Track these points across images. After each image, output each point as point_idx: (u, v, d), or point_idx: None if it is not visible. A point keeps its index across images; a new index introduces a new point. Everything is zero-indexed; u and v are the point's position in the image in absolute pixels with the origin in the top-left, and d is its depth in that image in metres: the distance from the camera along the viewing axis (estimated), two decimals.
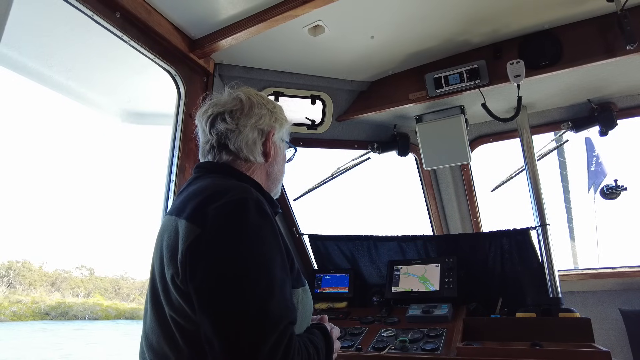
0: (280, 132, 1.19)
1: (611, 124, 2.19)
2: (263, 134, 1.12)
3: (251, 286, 0.79)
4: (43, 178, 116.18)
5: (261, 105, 1.14)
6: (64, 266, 43.62)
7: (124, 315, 35.77)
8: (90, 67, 1.98)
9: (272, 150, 1.14)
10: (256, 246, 0.84)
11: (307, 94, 2.28)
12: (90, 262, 55.57)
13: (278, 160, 1.18)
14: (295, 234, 2.63)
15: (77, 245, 72.28)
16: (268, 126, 1.13)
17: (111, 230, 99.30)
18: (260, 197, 0.93)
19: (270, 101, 1.19)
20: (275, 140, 1.16)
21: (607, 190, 2.34)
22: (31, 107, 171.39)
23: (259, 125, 1.11)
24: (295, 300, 0.93)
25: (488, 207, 2.81)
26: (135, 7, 1.56)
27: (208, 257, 0.82)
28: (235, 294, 0.78)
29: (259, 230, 0.86)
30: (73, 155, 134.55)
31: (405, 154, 2.56)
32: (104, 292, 41.23)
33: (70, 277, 41.24)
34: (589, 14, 1.82)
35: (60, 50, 1.82)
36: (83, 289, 39.92)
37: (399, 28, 1.86)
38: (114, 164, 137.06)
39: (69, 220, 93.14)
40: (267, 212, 0.90)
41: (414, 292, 2.19)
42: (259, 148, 1.11)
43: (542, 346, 1.58)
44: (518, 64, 1.87)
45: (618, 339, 2.39)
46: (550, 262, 2.00)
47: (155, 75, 1.90)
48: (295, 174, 2.75)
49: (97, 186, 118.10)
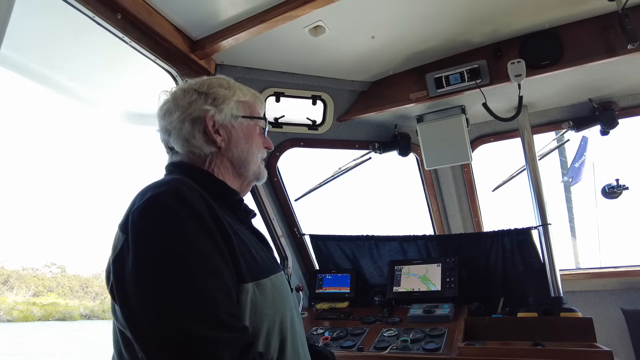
0: (227, 110, 1.05)
1: (612, 123, 2.19)
2: (199, 121, 1.01)
3: (155, 294, 0.74)
4: (43, 178, 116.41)
5: (188, 92, 1.05)
6: (33, 264, 42.97)
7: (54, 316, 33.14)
8: (92, 68, 1.98)
9: (222, 133, 1.03)
10: (165, 247, 0.78)
11: (308, 95, 2.28)
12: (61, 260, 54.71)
13: (236, 142, 1.05)
14: (296, 234, 2.63)
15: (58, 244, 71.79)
16: (200, 111, 1.01)
17: (109, 230, 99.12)
18: (183, 188, 0.85)
19: (207, 82, 1.08)
20: (223, 121, 1.04)
21: (609, 190, 2.33)
22: (31, 108, 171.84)
23: (189, 115, 1.01)
24: (243, 297, 0.84)
25: (489, 206, 2.81)
26: (136, 8, 1.56)
27: (125, 265, 0.79)
28: (142, 303, 0.75)
29: (169, 227, 0.79)
30: (73, 155, 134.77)
31: (407, 154, 2.56)
32: (68, 291, 40.09)
33: (32, 275, 40.06)
34: (590, 14, 1.82)
35: (62, 51, 1.83)
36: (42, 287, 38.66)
37: (400, 28, 1.86)
38: (113, 164, 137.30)
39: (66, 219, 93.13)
40: (186, 202, 0.83)
41: (415, 292, 2.19)
42: (200, 138, 1.01)
43: (544, 346, 1.58)
44: (519, 64, 1.87)
45: (620, 339, 2.38)
46: (552, 261, 2.00)
47: (156, 76, 1.90)
48: (296, 174, 2.75)
49: (96, 186, 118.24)
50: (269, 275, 0.93)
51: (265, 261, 0.97)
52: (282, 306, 0.93)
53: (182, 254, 0.78)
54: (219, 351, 0.73)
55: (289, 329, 0.95)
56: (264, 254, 0.99)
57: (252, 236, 1.02)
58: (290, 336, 0.94)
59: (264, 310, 0.88)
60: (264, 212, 2.39)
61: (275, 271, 0.97)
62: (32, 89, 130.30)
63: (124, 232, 0.82)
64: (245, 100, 1.11)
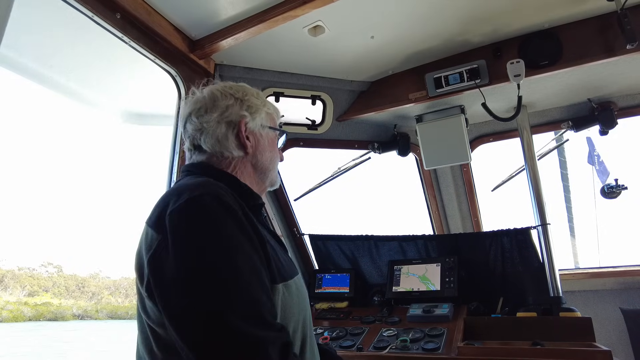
0: (258, 119, 1.11)
1: (611, 123, 2.20)
2: (233, 125, 1.06)
3: (206, 295, 0.76)
4: (42, 178, 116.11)
5: (226, 96, 1.08)
6: (30, 264, 42.71)
7: (45, 316, 33.07)
8: (91, 68, 1.98)
9: (251, 140, 1.08)
10: (211, 249, 0.79)
11: (308, 94, 2.28)
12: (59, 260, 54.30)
13: (262, 149, 1.11)
14: (295, 234, 2.63)
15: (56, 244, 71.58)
16: (237, 116, 1.06)
17: (107, 230, 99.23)
18: (221, 192, 0.88)
19: (241, 89, 1.13)
20: (253, 129, 1.09)
21: (608, 190, 2.34)
22: (30, 108, 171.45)
23: (225, 117, 1.05)
24: (275, 298, 0.87)
25: (488, 206, 2.81)
26: (136, 8, 1.56)
27: (166, 266, 0.80)
28: (191, 304, 0.75)
29: (213, 229, 0.82)
30: (72, 155, 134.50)
31: (406, 154, 2.56)
32: (64, 290, 40.07)
33: (28, 275, 39.88)
34: (589, 14, 1.82)
35: (61, 51, 1.82)
36: (37, 287, 38.64)
37: (399, 28, 1.86)
38: (113, 164, 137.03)
39: (64, 218, 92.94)
40: (226, 205, 0.85)
41: (414, 292, 2.19)
42: (233, 141, 1.05)
43: (543, 345, 1.58)
44: (518, 64, 1.87)
45: (619, 338, 2.39)
46: (551, 261, 2.00)
47: (155, 75, 1.90)
48: (295, 174, 2.75)
49: (95, 185, 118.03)
50: (292, 277, 0.97)
51: (288, 263, 1.00)
52: (304, 307, 0.98)
53: (227, 256, 0.80)
54: (267, 350, 0.75)
55: (308, 328, 0.99)
56: (285, 257, 1.03)
57: (273, 239, 1.04)
58: (309, 335, 0.99)
59: (292, 310, 0.92)
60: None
61: (296, 273, 1.01)
62: (30, 88, 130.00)
63: (158, 232, 0.84)
64: (271, 112, 1.17)
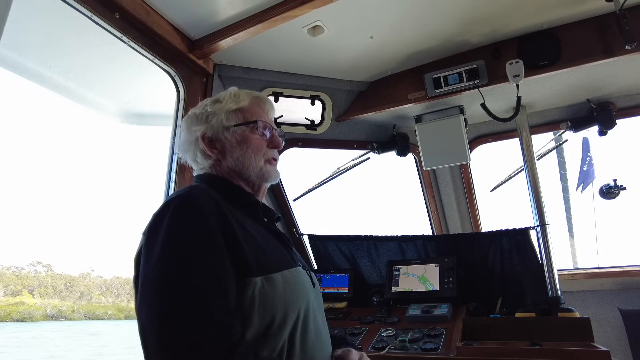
0: (216, 124, 1.09)
1: (610, 124, 2.20)
2: (195, 143, 1.11)
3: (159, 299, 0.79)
4: (42, 178, 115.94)
5: (192, 117, 1.14)
6: (18, 263, 42.37)
7: (12, 317, 32.72)
8: (90, 67, 1.98)
9: (218, 146, 1.09)
10: (169, 256, 0.83)
11: (307, 94, 2.28)
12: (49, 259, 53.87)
13: (231, 150, 1.08)
14: (294, 234, 2.63)
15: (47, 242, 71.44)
16: (196, 132, 1.11)
17: (104, 229, 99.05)
18: (193, 193, 0.91)
19: (202, 103, 1.17)
20: (215, 135, 1.09)
21: (607, 190, 2.34)
22: (28, 107, 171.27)
23: (191, 138, 1.12)
24: (251, 291, 0.87)
25: (487, 207, 2.81)
26: (135, 8, 1.56)
27: (141, 268, 0.86)
28: (148, 310, 0.80)
29: (177, 233, 0.85)
30: (72, 155, 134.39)
31: (405, 154, 2.56)
32: (51, 290, 39.74)
33: (15, 274, 39.49)
34: (588, 14, 1.83)
35: (60, 51, 1.82)
36: (20, 287, 38.30)
37: (398, 28, 1.86)
38: (112, 164, 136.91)
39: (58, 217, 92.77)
40: (193, 208, 0.88)
41: (413, 292, 2.19)
42: (200, 157, 1.11)
43: (542, 346, 1.58)
44: (517, 64, 1.87)
45: (617, 339, 2.39)
46: (550, 261, 2.00)
47: (154, 75, 1.90)
48: (294, 174, 2.75)
49: (94, 186, 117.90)
50: (281, 270, 0.96)
51: (279, 257, 1.00)
52: (295, 299, 0.95)
53: (186, 257, 0.83)
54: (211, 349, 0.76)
55: (310, 319, 0.98)
56: (280, 251, 1.03)
57: (268, 235, 1.05)
58: (310, 327, 0.97)
59: (273, 302, 0.90)
60: None
61: (290, 266, 1.00)
62: (29, 88, 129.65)
63: (144, 235, 0.91)
64: (239, 107, 1.12)
